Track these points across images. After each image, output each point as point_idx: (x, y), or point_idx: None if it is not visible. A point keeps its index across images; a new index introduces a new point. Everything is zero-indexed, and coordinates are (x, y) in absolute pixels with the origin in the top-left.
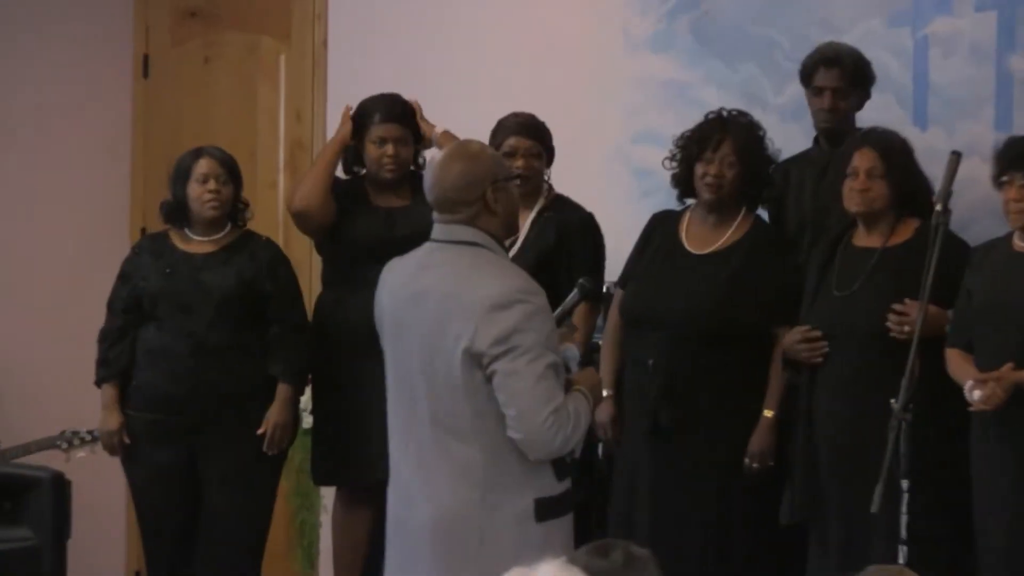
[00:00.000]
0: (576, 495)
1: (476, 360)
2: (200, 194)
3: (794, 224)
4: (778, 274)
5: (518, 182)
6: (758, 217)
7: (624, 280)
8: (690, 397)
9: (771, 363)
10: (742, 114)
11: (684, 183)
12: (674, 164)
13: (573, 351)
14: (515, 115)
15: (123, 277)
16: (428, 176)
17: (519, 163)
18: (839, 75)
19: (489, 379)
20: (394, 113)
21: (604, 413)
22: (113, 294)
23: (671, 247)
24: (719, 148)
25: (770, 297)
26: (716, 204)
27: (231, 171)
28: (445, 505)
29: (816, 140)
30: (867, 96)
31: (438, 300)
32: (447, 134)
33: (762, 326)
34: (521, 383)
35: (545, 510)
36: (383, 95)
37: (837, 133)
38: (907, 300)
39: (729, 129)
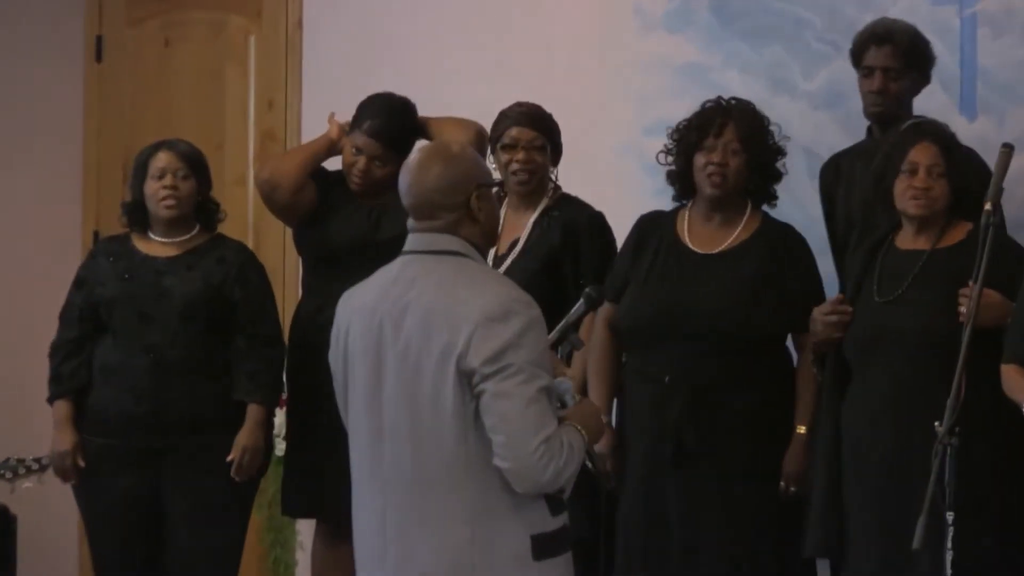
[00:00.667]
0: (579, 531)
1: (466, 378)
2: (155, 191)
3: (843, 222)
4: (799, 275)
5: (502, 191)
6: (767, 214)
7: (616, 292)
8: (717, 415)
9: (798, 373)
10: (744, 102)
11: (683, 178)
12: (670, 159)
13: (566, 383)
14: (519, 104)
15: (78, 283)
16: (405, 178)
17: (520, 156)
18: (891, 53)
19: (476, 400)
20: (382, 130)
21: (603, 443)
22: (67, 302)
23: (673, 249)
24: (722, 134)
25: (794, 300)
26: (719, 200)
27: (194, 166)
28: (431, 547)
29: (869, 130)
30: (925, 80)
31: (422, 315)
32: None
33: (788, 331)
34: (511, 406)
35: (542, 548)
36: (387, 103)
37: (889, 120)
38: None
39: (732, 114)
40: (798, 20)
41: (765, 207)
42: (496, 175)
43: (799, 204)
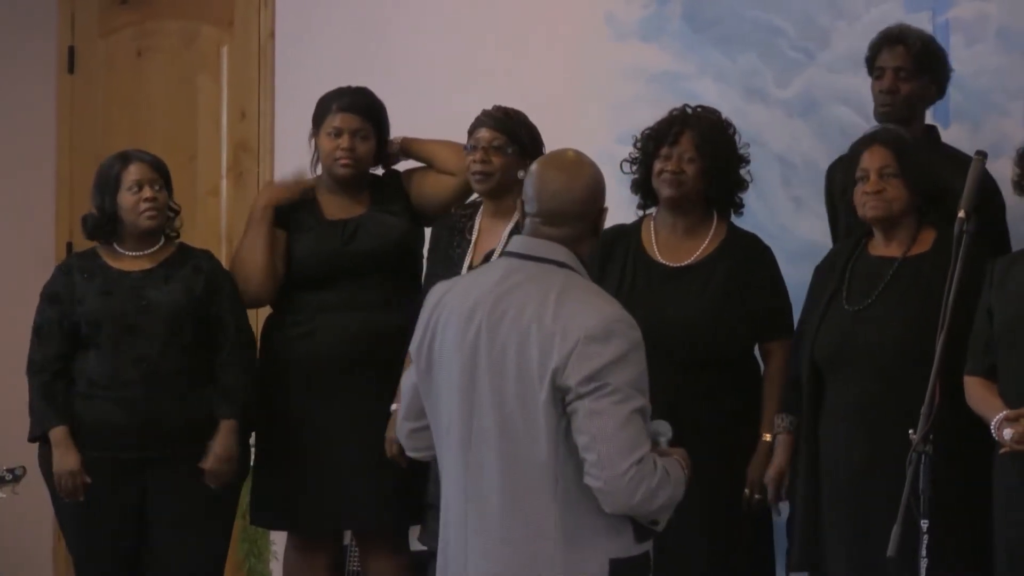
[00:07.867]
0: None
1: (560, 394)
2: (135, 203)
3: (843, 231)
4: (767, 285)
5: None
6: (733, 224)
7: None
8: (688, 430)
9: (765, 383)
10: (709, 110)
11: (644, 185)
12: (634, 168)
13: (665, 425)
14: (495, 107)
15: (51, 299)
16: (540, 181)
17: (478, 156)
18: (903, 53)
19: (568, 417)
20: (355, 104)
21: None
22: (42, 318)
23: (641, 262)
24: (677, 142)
25: (763, 310)
26: (679, 204)
27: (164, 176)
28: (508, 556)
29: None
30: (939, 91)
31: (521, 324)
32: (408, 140)
33: (755, 343)
34: (604, 425)
35: (620, 573)
36: (347, 88)
37: (898, 123)
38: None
39: (689, 122)
40: (771, 28)
41: (733, 217)
42: None
43: (772, 211)
